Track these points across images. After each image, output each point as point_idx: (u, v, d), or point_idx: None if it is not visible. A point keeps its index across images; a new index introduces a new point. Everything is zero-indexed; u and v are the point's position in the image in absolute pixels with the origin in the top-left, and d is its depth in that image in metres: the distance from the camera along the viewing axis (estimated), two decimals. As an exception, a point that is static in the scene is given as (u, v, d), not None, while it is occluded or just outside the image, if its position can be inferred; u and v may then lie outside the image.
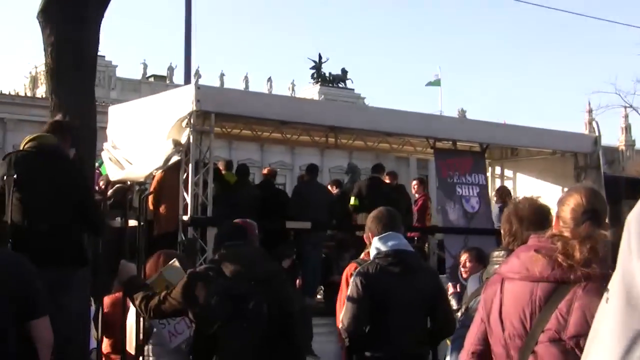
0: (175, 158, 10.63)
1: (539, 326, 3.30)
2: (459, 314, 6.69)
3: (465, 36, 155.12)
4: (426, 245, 14.24)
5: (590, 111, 56.27)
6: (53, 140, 6.52)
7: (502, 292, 3.46)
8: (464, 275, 7.79)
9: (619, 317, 0.83)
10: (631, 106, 40.76)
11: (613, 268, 0.92)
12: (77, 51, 7.60)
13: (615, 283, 0.85)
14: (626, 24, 78.55)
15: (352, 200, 13.78)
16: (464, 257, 7.95)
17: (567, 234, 3.36)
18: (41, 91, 52.74)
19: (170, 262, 6.41)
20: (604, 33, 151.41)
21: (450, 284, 8.35)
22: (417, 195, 15.25)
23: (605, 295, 0.87)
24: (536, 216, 4.36)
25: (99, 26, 7.83)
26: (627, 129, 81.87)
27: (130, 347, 6.45)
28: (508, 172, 16.48)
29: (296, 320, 5.57)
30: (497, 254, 5.08)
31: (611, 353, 0.83)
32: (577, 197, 3.50)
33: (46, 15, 7.56)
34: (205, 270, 5.34)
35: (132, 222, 7.81)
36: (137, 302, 5.50)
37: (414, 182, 15.68)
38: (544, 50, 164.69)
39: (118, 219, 8.78)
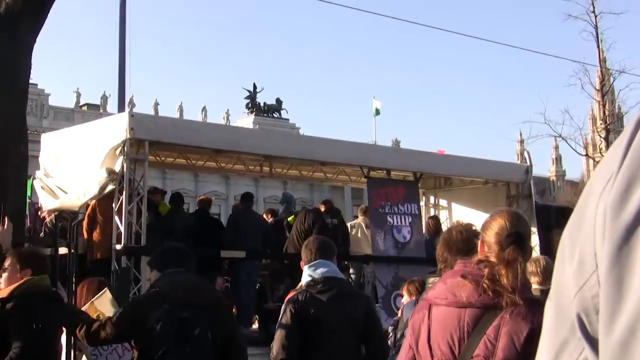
0: (110, 187, 10.53)
1: (468, 352, 3.32)
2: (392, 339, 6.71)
3: (400, 69, 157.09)
4: (362, 274, 14.27)
5: (521, 141, 57.13)
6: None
7: (430, 318, 3.47)
8: None
9: (551, 325, 0.90)
10: (560, 136, 41.59)
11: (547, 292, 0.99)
12: (8, 74, 7.51)
13: (552, 288, 0.92)
14: (555, 56, 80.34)
15: (290, 218, 13.89)
16: (404, 289, 7.94)
17: (492, 258, 3.39)
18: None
19: (101, 292, 6.35)
20: (535, 64, 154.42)
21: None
22: None
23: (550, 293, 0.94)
24: (464, 242, 4.33)
25: (31, 50, 7.75)
26: (558, 159, 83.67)
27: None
28: (442, 202, 16.64)
29: (241, 350, 5.60)
30: (433, 280, 5.12)
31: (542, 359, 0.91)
32: (500, 221, 3.54)
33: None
34: (150, 295, 5.31)
35: (63, 250, 7.71)
36: (77, 329, 5.42)
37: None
38: (478, 81, 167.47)
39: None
